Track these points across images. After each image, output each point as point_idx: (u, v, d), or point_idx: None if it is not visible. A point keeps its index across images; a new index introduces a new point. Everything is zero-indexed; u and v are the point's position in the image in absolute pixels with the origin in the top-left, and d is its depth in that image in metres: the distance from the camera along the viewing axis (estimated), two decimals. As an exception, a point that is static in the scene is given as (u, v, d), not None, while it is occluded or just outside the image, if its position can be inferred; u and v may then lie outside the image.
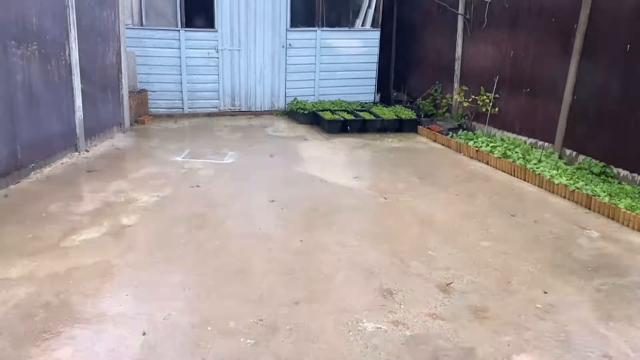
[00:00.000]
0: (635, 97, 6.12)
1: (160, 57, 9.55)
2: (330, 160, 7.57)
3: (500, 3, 8.40)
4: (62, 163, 6.73)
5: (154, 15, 9.48)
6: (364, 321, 3.47)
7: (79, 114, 7.03)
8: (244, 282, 3.96)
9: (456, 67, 9.39)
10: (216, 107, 10.22)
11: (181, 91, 9.86)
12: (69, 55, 6.74)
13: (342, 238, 4.83)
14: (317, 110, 9.70)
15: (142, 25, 9.33)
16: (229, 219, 5.22)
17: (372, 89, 11.06)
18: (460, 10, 9.10)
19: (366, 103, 10.71)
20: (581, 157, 6.88)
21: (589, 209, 5.73)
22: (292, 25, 10.24)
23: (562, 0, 7.67)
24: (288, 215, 5.38)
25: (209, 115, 10.13)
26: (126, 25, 8.67)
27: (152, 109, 9.68)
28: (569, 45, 7.02)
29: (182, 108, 9.97)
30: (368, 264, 4.33)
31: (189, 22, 9.64)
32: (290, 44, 10.31)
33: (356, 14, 10.81)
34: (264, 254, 4.45)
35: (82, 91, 7.04)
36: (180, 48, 9.61)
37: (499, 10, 8.36)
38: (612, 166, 6.42)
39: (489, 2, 8.49)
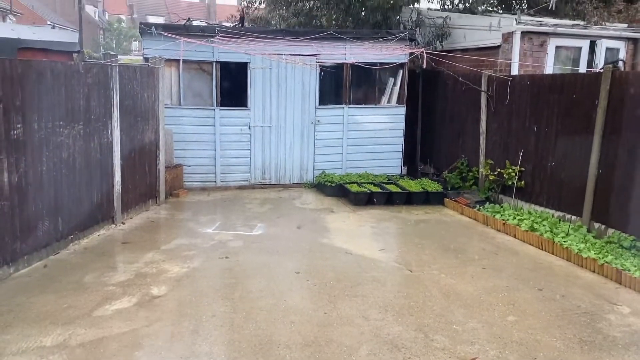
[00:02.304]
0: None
1: (196, 134, 10.07)
2: (356, 232, 7.68)
3: (521, 80, 8.67)
4: (99, 235, 7.04)
5: (191, 96, 10.10)
6: (386, 396, 3.46)
7: (117, 187, 7.43)
8: (267, 354, 4.01)
9: (481, 141, 9.57)
10: (247, 180, 10.57)
11: (214, 165, 10.28)
12: (111, 133, 7.22)
13: (366, 311, 4.86)
14: (344, 183, 9.93)
15: (180, 104, 9.93)
16: (255, 290, 5.32)
17: (399, 162, 11.29)
18: (483, 87, 9.40)
19: (393, 176, 10.90)
20: (610, 231, 6.81)
21: (620, 283, 5.63)
22: (320, 103, 10.71)
23: (582, 76, 7.90)
24: (313, 287, 5.45)
25: (240, 188, 10.46)
26: (165, 105, 9.26)
27: (186, 183, 10.09)
28: (591, 120, 7.15)
29: (215, 181, 10.35)
30: (392, 337, 4.33)
31: (224, 101, 10.21)
32: (318, 121, 10.73)
33: (382, 92, 11.25)
34: (288, 326, 4.51)
35: (121, 166, 7.47)
36: (215, 125, 10.13)
37: (521, 87, 8.61)
38: (642, 240, 6.33)
39: (511, 80, 8.77)
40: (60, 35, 14.44)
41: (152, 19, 69.23)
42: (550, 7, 10.07)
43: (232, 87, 10.31)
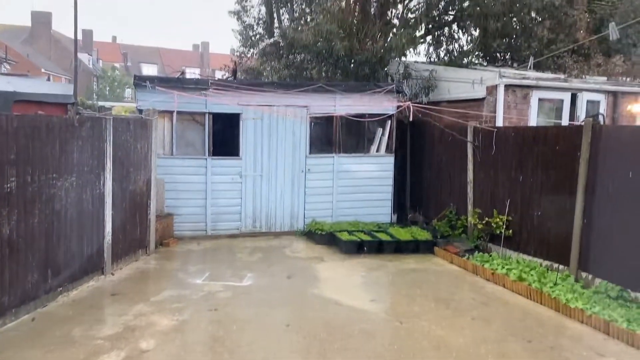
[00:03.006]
0: (643, 221, 6.28)
1: (187, 183, 10.16)
2: (346, 281, 7.69)
3: (506, 131, 8.93)
4: (88, 286, 7.00)
5: (184, 145, 10.25)
6: None
7: (108, 238, 7.44)
8: (257, 411, 3.97)
9: (469, 190, 9.73)
10: (238, 229, 10.60)
11: (205, 214, 10.33)
12: (103, 184, 7.30)
13: (356, 365, 4.84)
14: (334, 231, 10.00)
15: (172, 154, 10.06)
16: (244, 344, 5.30)
17: (389, 210, 11.40)
18: (470, 138, 9.65)
19: (383, 224, 10.99)
20: (597, 280, 6.89)
21: (608, 334, 5.67)
22: (311, 152, 10.90)
23: (565, 129, 8.17)
24: (303, 341, 5.43)
25: (231, 236, 10.48)
26: (158, 154, 9.39)
27: (176, 232, 10.09)
28: (575, 171, 7.35)
29: (206, 230, 10.37)
30: (381, 392, 4.32)
31: (216, 150, 10.36)
32: (309, 169, 10.89)
33: (371, 141, 11.49)
34: (278, 381, 4.48)
35: (112, 217, 7.51)
36: (206, 174, 10.24)
37: (506, 138, 8.86)
38: (629, 290, 6.41)
39: (496, 131, 9.03)
40: (55, 88, 14.71)
41: (145, 67, 70.50)
42: (529, 67, 10.47)
43: (224, 136, 10.49)
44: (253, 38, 17.28)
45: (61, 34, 56.47)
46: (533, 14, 12.53)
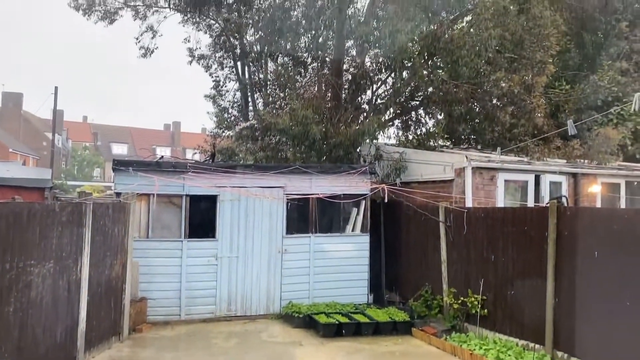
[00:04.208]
0: (615, 299, 6.53)
1: (162, 266, 10.04)
2: (326, 367, 7.58)
3: (476, 212, 9.29)
4: (58, 378, 6.72)
5: (160, 228, 10.24)
6: None
7: (82, 326, 7.24)
8: None
9: (443, 270, 9.91)
10: (212, 313, 10.41)
11: (179, 298, 10.15)
12: (80, 270, 7.21)
13: None
14: (311, 314, 9.92)
15: (148, 237, 10.02)
16: None
17: (365, 290, 11.43)
18: (441, 218, 9.97)
19: (360, 304, 10.97)
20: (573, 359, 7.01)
21: (589, 415, 5.71)
22: (287, 232, 11.00)
23: (531, 210, 8.58)
24: None
25: (205, 321, 10.26)
26: (134, 238, 9.34)
27: (149, 316, 9.84)
28: (543, 250, 7.65)
29: (180, 314, 10.15)
30: None
31: (192, 232, 10.37)
32: (285, 250, 10.95)
33: (346, 221, 11.70)
34: None
35: (87, 303, 7.35)
36: (182, 257, 10.18)
37: (476, 219, 9.20)
38: (604, 368, 6.53)
39: (466, 212, 9.38)
40: (32, 172, 14.67)
41: (116, 146, 70.69)
42: (498, 153, 11.08)
43: (201, 218, 10.54)
44: (228, 120, 17.80)
45: (31, 114, 56.68)
46: (495, 101, 13.38)
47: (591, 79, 15.96)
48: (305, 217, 11.25)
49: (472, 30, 12.89)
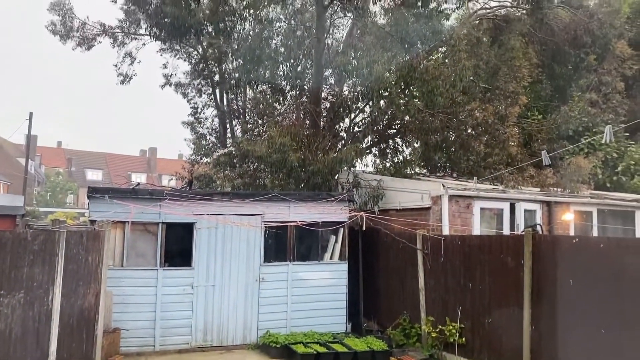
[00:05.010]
0: (591, 327, 6.60)
1: (136, 296, 9.82)
2: (304, 398, 7.44)
3: (453, 240, 9.37)
4: (26, 414, 6.46)
5: (135, 256, 10.05)
6: None
7: (51, 359, 7.00)
8: None
9: (421, 297, 9.91)
10: (188, 343, 10.17)
11: (154, 328, 9.91)
12: (52, 300, 7.01)
13: None
14: (289, 343, 9.78)
15: (122, 266, 9.82)
16: None
17: (343, 318, 11.32)
18: (419, 245, 10.02)
19: (338, 333, 10.86)
20: (551, 388, 7.03)
21: None
22: (265, 260, 10.90)
23: (507, 238, 8.69)
24: None
25: (180, 351, 10.02)
26: (108, 266, 9.14)
27: (123, 347, 9.56)
28: (520, 278, 7.73)
29: (154, 345, 9.89)
30: None
31: (168, 261, 10.19)
32: (263, 278, 10.83)
33: (324, 249, 11.66)
34: None
35: (58, 335, 7.13)
36: (157, 286, 9.98)
37: (453, 246, 9.26)
38: (582, 396, 6.57)
39: (443, 239, 9.45)
40: (3, 199, 14.36)
41: (90, 172, 69.64)
42: (474, 182, 11.27)
43: (177, 246, 10.39)
44: (206, 147, 17.76)
45: (4, 139, 55.64)
46: (469, 130, 13.68)
47: (562, 109, 16.46)
48: (283, 245, 11.17)
49: (447, 61, 13.23)
